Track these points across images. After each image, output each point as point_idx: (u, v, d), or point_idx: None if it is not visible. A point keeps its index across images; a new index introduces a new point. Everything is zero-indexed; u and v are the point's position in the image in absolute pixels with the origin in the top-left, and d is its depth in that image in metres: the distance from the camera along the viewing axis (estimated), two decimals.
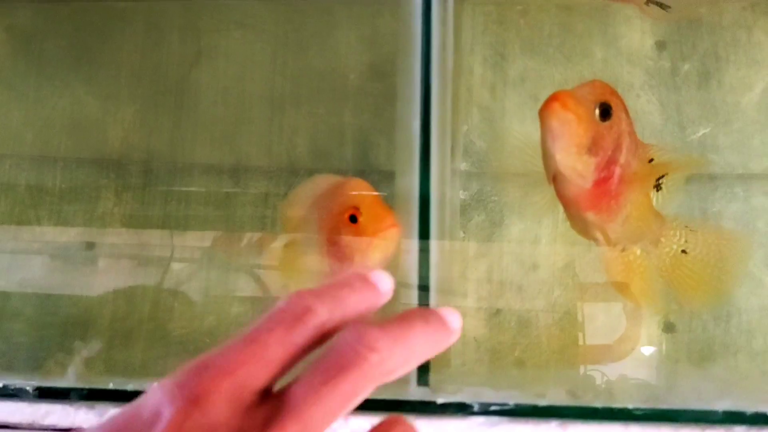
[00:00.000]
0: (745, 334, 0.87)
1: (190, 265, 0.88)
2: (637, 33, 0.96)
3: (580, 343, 0.84)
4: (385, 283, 0.28)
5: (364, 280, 0.28)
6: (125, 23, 0.96)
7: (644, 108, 0.94)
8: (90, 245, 0.90)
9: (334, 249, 0.64)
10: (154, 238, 0.91)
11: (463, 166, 0.95)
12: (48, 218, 0.92)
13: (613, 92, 0.63)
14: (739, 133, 0.92)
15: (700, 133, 0.93)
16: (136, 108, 0.94)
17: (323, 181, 0.68)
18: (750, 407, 0.41)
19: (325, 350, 0.26)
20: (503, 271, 0.92)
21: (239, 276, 0.86)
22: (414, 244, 0.46)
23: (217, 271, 0.89)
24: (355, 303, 0.27)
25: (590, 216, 0.65)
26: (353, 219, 0.61)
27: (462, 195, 0.94)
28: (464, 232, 0.93)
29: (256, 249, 0.79)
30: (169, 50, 0.96)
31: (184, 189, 0.93)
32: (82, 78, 0.95)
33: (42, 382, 0.46)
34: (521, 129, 0.92)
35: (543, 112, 0.59)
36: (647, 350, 0.83)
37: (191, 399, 0.23)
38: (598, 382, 0.73)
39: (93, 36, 0.95)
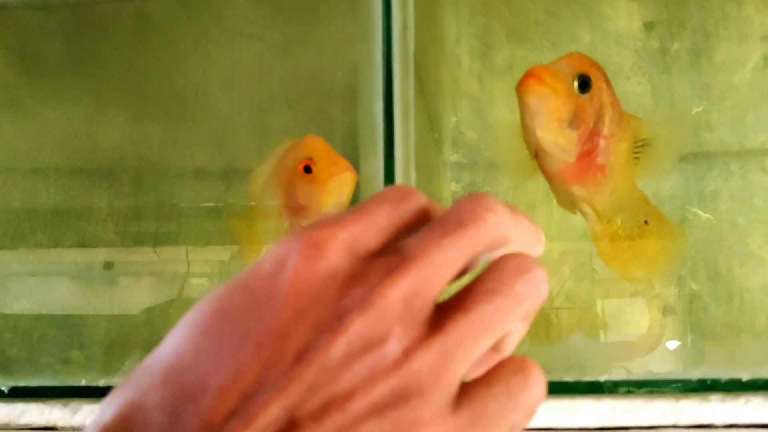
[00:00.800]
0: (748, 313, 0.86)
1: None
2: (624, 14, 0.95)
3: (586, 332, 0.83)
4: (543, 239, 0.29)
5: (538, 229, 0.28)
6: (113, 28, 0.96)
7: (635, 90, 0.93)
8: (108, 264, 0.90)
9: (292, 204, 0.64)
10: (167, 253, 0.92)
11: (453, 157, 0.94)
12: (42, 231, 0.93)
13: (593, 63, 0.63)
14: (733, 110, 0.90)
15: (693, 112, 0.91)
16: (128, 116, 0.95)
17: (282, 147, 0.69)
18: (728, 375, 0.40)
19: (443, 214, 0.26)
20: None
21: None
22: None
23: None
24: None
25: (577, 190, 0.65)
26: (307, 169, 0.62)
27: (453, 187, 0.94)
28: None
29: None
30: (157, 56, 0.96)
31: (176, 194, 0.93)
32: (74, 86, 0.95)
33: (16, 382, 0.46)
34: (510, 117, 0.91)
35: (520, 89, 0.59)
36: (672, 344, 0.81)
37: (312, 245, 0.24)
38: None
39: (83, 42, 0.96)
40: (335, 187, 0.61)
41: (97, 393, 0.46)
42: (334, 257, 0.24)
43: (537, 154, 0.63)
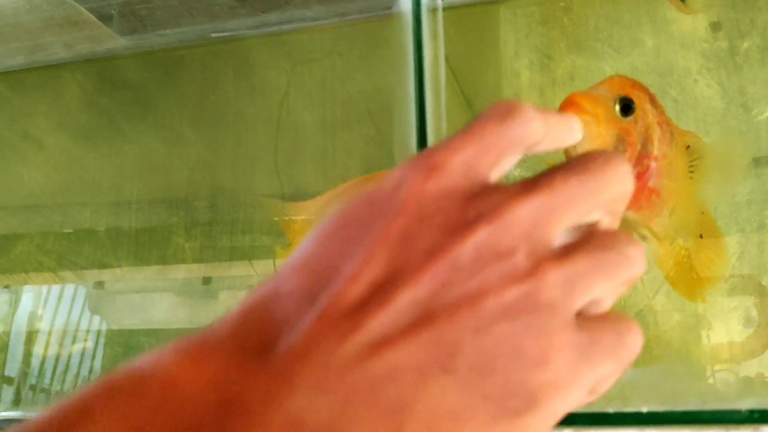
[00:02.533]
0: None
1: None
2: (689, 16, 0.91)
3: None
4: (579, 126, 0.31)
5: (567, 118, 0.30)
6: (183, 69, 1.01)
7: (703, 93, 0.89)
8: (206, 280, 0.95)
9: None
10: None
11: (516, 171, 0.94)
12: (126, 258, 0.98)
13: (635, 84, 0.61)
14: None
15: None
16: (199, 148, 0.99)
17: (355, 182, 0.70)
18: None
19: (572, 159, 0.27)
20: None
21: None
22: None
23: None
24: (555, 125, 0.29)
25: (631, 215, 0.63)
26: None
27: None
28: None
29: None
30: (225, 89, 1.00)
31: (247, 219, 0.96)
32: (149, 124, 1.01)
33: None
34: None
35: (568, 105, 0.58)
36: None
37: (429, 167, 0.25)
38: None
39: (155, 83, 1.01)
40: None
41: None
42: (453, 176, 0.25)
43: None
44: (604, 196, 0.26)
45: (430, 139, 0.52)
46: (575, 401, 0.24)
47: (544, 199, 0.25)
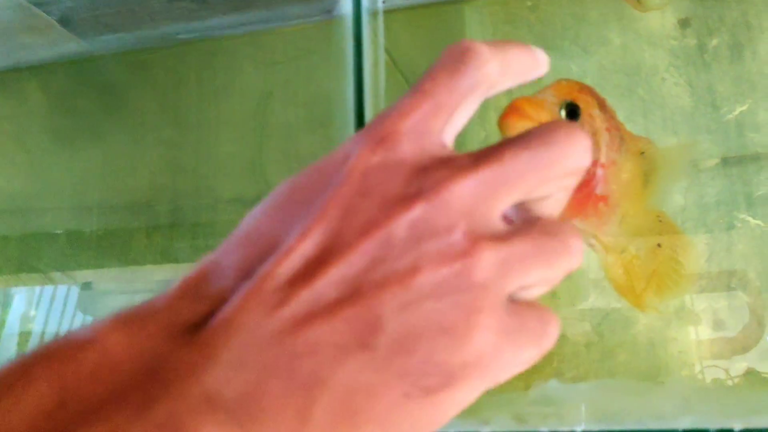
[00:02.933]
0: None
1: None
2: (657, 13, 0.89)
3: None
4: (544, 57, 0.30)
5: (528, 49, 0.29)
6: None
7: (671, 91, 0.87)
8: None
9: None
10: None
11: None
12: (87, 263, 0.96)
13: (582, 89, 0.59)
14: None
15: (737, 112, 0.85)
16: (161, 150, 0.98)
17: None
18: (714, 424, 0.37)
19: (532, 130, 0.26)
20: None
21: None
22: None
23: None
24: (517, 60, 0.28)
25: (577, 223, 0.61)
26: None
27: None
28: None
29: None
30: (187, 92, 0.99)
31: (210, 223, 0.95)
32: (112, 127, 0.99)
33: None
34: None
35: (501, 125, 0.55)
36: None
37: (377, 138, 0.25)
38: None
39: (118, 87, 1.00)
40: None
41: None
42: (402, 146, 0.25)
43: None
44: (557, 171, 0.26)
45: None
46: (491, 383, 0.24)
47: (490, 174, 0.24)
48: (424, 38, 0.83)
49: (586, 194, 0.59)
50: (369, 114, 0.51)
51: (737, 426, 0.37)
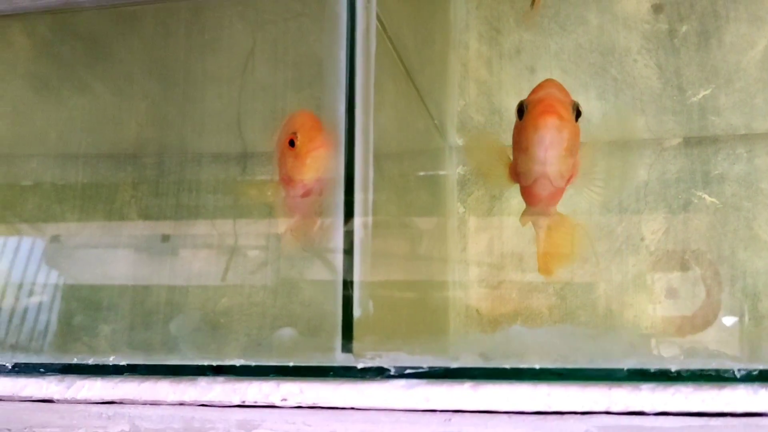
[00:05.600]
0: (751, 297, 0.86)
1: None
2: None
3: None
4: None
5: None
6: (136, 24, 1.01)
7: (642, 73, 0.93)
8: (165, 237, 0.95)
9: (283, 176, 0.70)
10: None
11: (461, 141, 0.96)
12: (71, 211, 0.98)
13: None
14: (742, 93, 0.90)
15: (701, 95, 0.91)
16: (148, 103, 1.00)
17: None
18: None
19: None
20: (504, 243, 0.93)
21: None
22: (339, 221, 0.49)
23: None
24: None
25: (552, 210, 0.67)
26: (292, 143, 0.67)
27: (460, 170, 0.96)
28: (464, 207, 0.95)
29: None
30: (176, 46, 1.00)
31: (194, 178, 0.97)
32: (98, 78, 1.01)
33: (18, 359, 0.52)
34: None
35: (540, 123, 0.59)
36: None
37: None
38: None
39: (108, 37, 1.00)
40: (312, 163, 0.65)
41: (87, 370, 0.51)
42: None
43: (535, 181, 0.63)
44: None
45: (358, 105, 0.54)
46: None
47: None
48: (411, 7, 0.86)
49: (566, 184, 0.65)
50: (360, 77, 0.55)
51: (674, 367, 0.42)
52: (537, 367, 0.44)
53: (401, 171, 0.81)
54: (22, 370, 0.53)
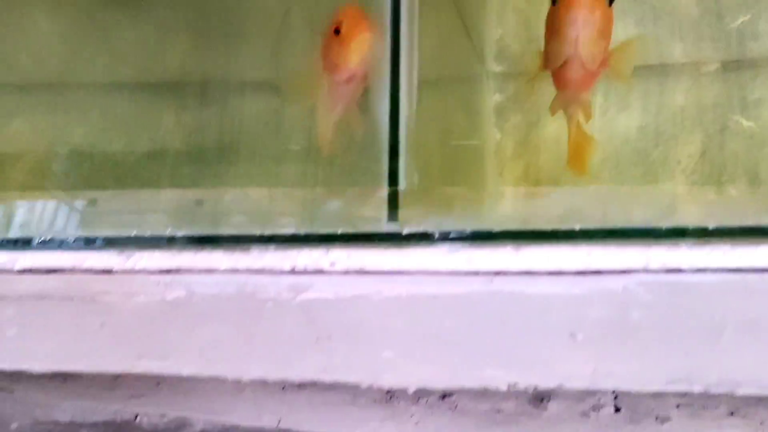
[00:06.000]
0: None
1: None
2: None
3: None
4: None
5: None
6: None
7: (680, 0, 0.93)
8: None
9: (328, 63, 0.72)
10: None
11: (498, 69, 0.97)
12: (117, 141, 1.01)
13: None
14: None
15: (739, 21, 0.91)
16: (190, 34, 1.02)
17: None
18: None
19: None
20: (540, 169, 0.95)
21: None
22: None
23: None
24: None
25: (584, 96, 0.68)
26: (337, 32, 0.70)
27: (498, 97, 0.97)
28: (501, 133, 0.96)
29: None
30: None
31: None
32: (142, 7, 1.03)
33: (79, 234, 0.55)
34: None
35: (573, 3, 0.61)
36: None
37: None
38: None
39: None
40: (357, 47, 0.68)
41: (148, 242, 0.54)
42: None
43: (565, 64, 0.65)
44: None
45: (403, 43, 0.56)
46: None
47: None
48: None
49: (600, 69, 0.66)
50: (404, 27, 0.57)
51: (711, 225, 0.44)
52: (577, 228, 0.45)
53: (441, 96, 0.83)
54: (82, 244, 0.56)
